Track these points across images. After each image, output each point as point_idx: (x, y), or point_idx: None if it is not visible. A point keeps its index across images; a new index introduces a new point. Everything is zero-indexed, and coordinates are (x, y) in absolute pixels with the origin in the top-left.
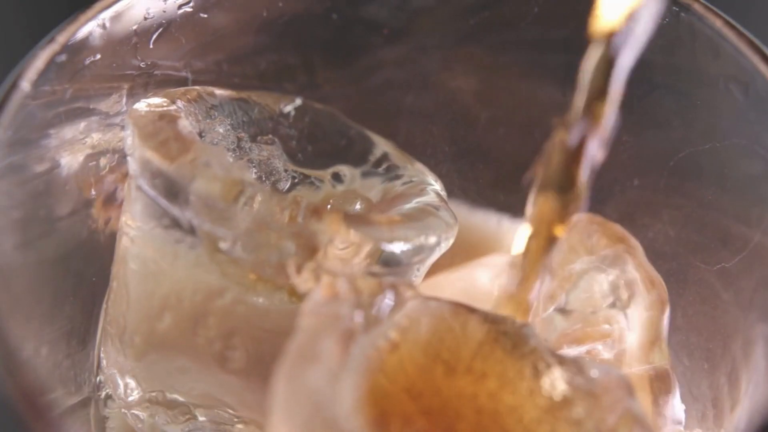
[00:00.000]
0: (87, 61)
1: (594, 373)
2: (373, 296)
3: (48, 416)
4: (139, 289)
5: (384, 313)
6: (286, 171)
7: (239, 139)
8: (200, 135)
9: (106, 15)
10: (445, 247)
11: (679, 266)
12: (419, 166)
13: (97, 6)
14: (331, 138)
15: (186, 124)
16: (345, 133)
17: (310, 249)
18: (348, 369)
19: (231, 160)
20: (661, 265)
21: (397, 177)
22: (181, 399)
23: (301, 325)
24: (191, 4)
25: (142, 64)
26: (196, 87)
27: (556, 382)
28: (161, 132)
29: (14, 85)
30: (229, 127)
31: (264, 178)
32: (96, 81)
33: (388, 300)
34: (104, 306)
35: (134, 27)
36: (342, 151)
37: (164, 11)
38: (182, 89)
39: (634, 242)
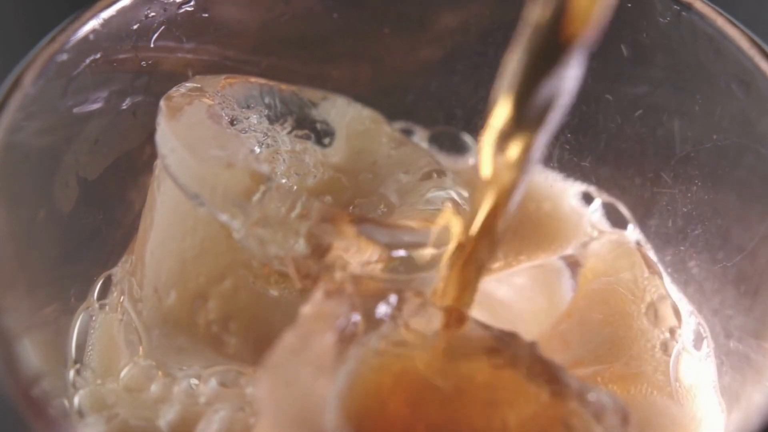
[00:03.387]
0: (87, 60)
1: (592, 396)
2: (376, 299)
3: (43, 409)
4: (152, 264)
5: (386, 318)
6: (315, 167)
7: (273, 131)
8: (231, 123)
9: (107, 14)
10: None
11: (679, 265)
12: (450, 175)
13: (98, 5)
14: (366, 140)
15: (216, 111)
16: (379, 137)
17: (319, 249)
18: (340, 372)
19: (258, 150)
20: (662, 263)
21: (425, 184)
22: (179, 376)
23: (299, 320)
24: (192, 4)
25: (143, 63)
26: (238, 76)
27: (558, 403)
28: (188, 116)
29: (15, 85)
30: (264, 118)
31: (291, 172)
32: (97, 80)
33: (391, 305)
34: (120, 276)
35: (135, 26)
36: (371, 153)
37: (165, 10)
38: (223, 76)
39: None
